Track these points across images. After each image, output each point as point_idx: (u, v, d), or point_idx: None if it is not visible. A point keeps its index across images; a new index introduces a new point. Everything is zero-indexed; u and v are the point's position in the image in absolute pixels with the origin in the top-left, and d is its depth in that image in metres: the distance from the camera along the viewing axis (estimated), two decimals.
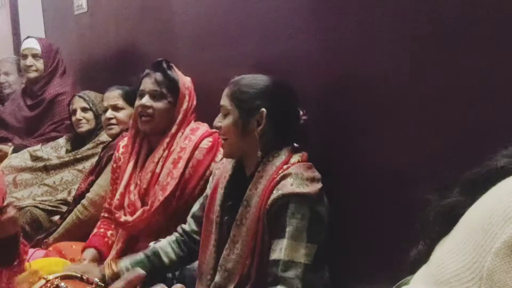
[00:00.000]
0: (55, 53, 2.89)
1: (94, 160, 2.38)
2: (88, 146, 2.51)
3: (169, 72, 1.86)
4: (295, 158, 1.44)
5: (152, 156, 1.87)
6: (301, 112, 1.51)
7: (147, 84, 1.85)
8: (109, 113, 2.22)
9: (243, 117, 1.46)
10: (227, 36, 1.96)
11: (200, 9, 2.09)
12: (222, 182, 1.55)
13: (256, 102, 1.46)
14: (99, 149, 2.41)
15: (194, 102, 1.92)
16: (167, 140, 1.85)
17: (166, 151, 1.85)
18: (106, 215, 2.04)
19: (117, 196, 1.89)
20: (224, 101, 1.50)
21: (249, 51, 1.86)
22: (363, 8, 1.44)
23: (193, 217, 1.67)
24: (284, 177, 1.38)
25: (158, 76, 1.84)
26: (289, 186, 1.36)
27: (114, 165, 2.02)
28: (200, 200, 1.67)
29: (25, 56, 2.85)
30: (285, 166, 1.41)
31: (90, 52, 3.02)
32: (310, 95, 1.63)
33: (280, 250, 1.33)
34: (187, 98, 1.88)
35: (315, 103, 1.61)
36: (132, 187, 1.87)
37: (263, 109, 1.45)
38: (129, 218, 1.81)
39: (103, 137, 2.43)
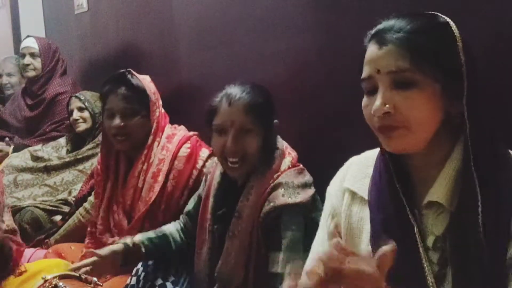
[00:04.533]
0: (54, 52, 2.89)
1: (94, 160, 2.38)
2: (88, 146, 2.51)
3: (134, 83, 1.76)
4: (285, 163, 1.41)
5: (132, 171, 1.80)
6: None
7: (115, 102, 1.74)
8: None
9: (267, 134, 1.41)
10: (227, 35, 1.96)
11: (200, 9, 2.09)
12: (213, 190, 1.51)
13: (270, 115, 1.43)
14: (99, 149, 2.40)
15: (161, 102, 1.84)
16: (144, 152, 1.78)
17: (146, 164, 1.77)
18: (94, 229, 1.94)
19: (99, 221, 1.83)
20: (239, 117, 1.37)
21: (249, 50, 1.85)
22: (363, 6, 1.43)
23: (188, 215, 1.64)
24: (275, 187, 1.35)
25: (124, 90, 1.74)
26: (280, 197, 1.32)
27: (98, 179, 1.94)
28: (195, 197, 1.63)
29: (23, 55, 2.86)
30: (275, 175, 1.38)
31: (90, 51, 3.02)
32: (309, 94, 1.63)
33: (277, 263, 1.30)
34: (156, 104, 1.80)
35: (314, 103, 1.61)
36: (114, 207, 1.81)
37: (276, 121, 1.44)
38: (116, 240, 1.71)
39: None
